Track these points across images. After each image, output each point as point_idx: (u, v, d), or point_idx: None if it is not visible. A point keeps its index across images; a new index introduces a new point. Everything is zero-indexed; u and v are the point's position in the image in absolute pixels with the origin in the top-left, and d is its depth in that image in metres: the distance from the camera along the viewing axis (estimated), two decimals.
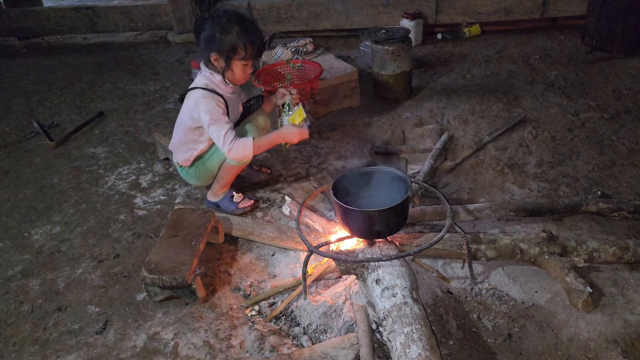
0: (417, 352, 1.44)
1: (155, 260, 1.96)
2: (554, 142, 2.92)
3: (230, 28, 2.15)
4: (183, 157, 2.41)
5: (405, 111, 3.44)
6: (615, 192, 2.47)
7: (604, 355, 1.67)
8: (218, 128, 2.19)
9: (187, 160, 2.40)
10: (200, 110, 2.21)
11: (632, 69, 3.73)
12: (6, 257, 2.41)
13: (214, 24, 2.17)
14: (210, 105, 2.20)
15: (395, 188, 1.95)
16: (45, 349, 1.89)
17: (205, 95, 2.22)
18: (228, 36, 2.15)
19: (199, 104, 2.21)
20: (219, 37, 2.16)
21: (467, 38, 4.68)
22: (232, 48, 2.17)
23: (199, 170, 2.43)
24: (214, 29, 2.16)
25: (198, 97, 2.23)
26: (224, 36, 2.15)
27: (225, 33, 2.15)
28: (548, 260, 1.94)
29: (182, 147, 2.40)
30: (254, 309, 2.00)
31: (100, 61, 5.06)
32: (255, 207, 2.53)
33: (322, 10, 4.91)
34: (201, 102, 2.21)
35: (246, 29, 2.17)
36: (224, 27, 2.15)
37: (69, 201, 2.81)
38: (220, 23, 2.16)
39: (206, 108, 2.20)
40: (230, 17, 2.17)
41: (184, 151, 2.40)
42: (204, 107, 2.20)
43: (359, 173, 2.01)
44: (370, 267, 1.80)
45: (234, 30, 2.15)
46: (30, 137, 3.58)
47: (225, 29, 2.15)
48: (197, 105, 2.22)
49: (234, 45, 2.17)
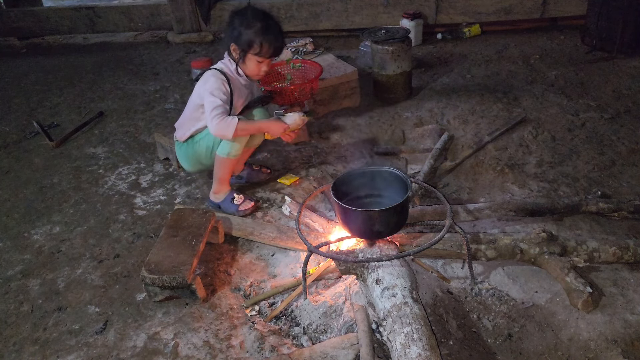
0: (417, 352, 1.44)
1: (155, 260, 1.96)
2: (554, 142, 2.92)
3: (252, 24, 2.27)
4: (182, 132, 2.51)
5: (405, 111, 3.44)
6: (615, 192, 2.47)
7: (604, 355, 1.67)
8: (212, 101, 2.28)
9: (184, 135, 2.49)
10: (206, 88, 2.31)
11: (632, 69, 3.73)
12: (6, 257, 2.41)
13: (240, 17, 2.30)
14: (216, 83, 2.31)
15: (395, 188, 1.95)
16: (45, 349, 1.88)
17: (215, 74, 2.34)
18: (248, 30, 2.27)
19: (207, 81, 2.33)
20: (239, 29, 2.28)
21: (467, 38, 4.68)
22: (249, 42, 2.28)
23: (189, 150, 2.51)
24: (238, 21, 2.29)
25: (208, 75, 2.36)
26: (244, 29, 2.28)
27: (246, 27, 2.27)
28: (548, 260, 1.94)
29: (185, 123, 2.50)
30: (254, 309, 2.00)
31: (100, 61, 5.06)
32: (256, 209, 2.53)
33: (322, 10, 4.91)
34: (209, 79, 2.33)
35: (267, 27, 2.28)
36: (247, 21, 2.28)
37: (69, 201, 2.80)
38: (244, 17, 2.29)
39: (211, 84, 2.31)
40: (255, 14, 2.30)
41: (185, 127, 2.49)
42: (209, 84, 2.31)
43: (359, 173, 2.01)
44: (370, 267, 1.80)
45: (255, 26, 2.26)
46: (30, 137, 3.58)
47: (248, 23, 2.27)
48: (205, 82, 2.34)
49: (252, 40, 2.27)
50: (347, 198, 1.95)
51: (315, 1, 4.88)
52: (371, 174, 2.01)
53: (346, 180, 1.97)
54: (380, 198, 2.00)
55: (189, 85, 4.15)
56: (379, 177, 2.00)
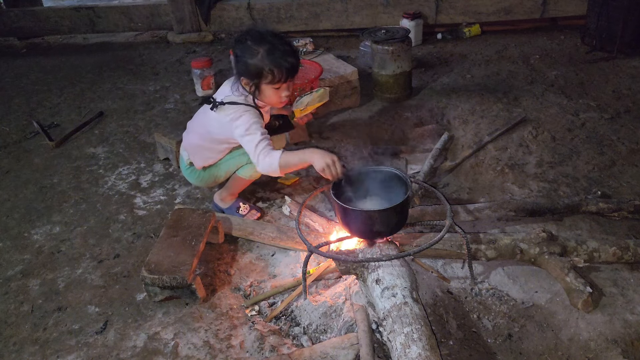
0: (417, 352, 1.44)
1: (155, 260, 1.96)
2: (554, 142, 2.92)
3: (255, 50, 2.03)
4: (199, 160, 2.37)
5: (405, 111, 3.44)
6: (615, 192, 2.47)
7: (604, 355, 1.67)
8: (251, 140, 2.07)
9: (201, 165, 2.38)
10: (238, 125, 2.11)
11: (632, 69, 3.73)
12: (6, 257, 2.41)
13: (240, 46, 2.07)
14: (248, 118, 2.10)
15: (395, 188, 1.95)
16: (45, 349, 1.88)
17: (246, 111, 2.12)
18: (253, 59, 2.03)
19: (237, 119, 2.11)
20: (244, 61, 2.05)
21: (467, 38, 4.68)
22: (258, 72, 2.05)
23: (205, 175, 2.42)
24: (240, 52, 2.07)
25: (239, 111, 2.12)
26: (248, 60, 2.04)
27: (250, 56, 2.03)
28: (548, 260, 1.94)
29: (200, 152, 2.35)
30: (254, 309, 2.00)
31: (100, 61, 5.06)
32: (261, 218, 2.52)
33: (322, 10, 4.91)
34: (240, 118, 2.11)
35: (272, 50, 2.02)
36: (248, 50, 2.04)
37: (69, 201, 2.80)
38: (245, 45, 2.05)
39: (244, 122, 2.10)
40: (255, 38, 2.05)
41: (201, 156, 2.36)
42: (242, 121, 2.10)
43: (359, 173, 2.01)
44: (370, 267, 1.80)
45: (258, 52, 2.02)
46: (30, 137, 3.58)
47: (250, 51, 2.03)
48: (235, 120, 2.12)
49: (260, 69, 2.04)
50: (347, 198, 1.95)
51: (315, 1, 4.88)
52: (371, 173, 2.01)
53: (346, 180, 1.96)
54: (381, 198, 2.00)
55: (189, 85, 4.15)
56: (379, 177, 2.00)
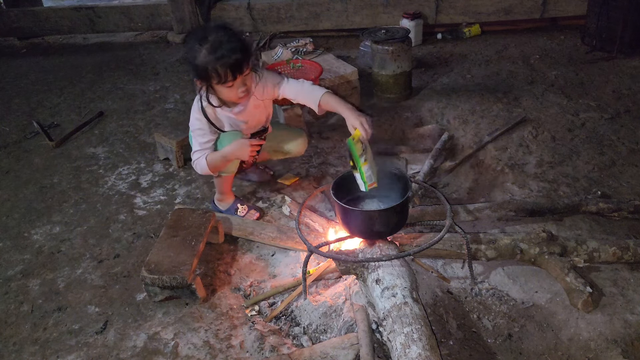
0: (417, 352, 1.44)
1: (155, 260, 1.96)
2: (554, 142, 2.92)
3: (197, 51, 1.91)
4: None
5: (405, 111, 3.44)
6: (615, 192, 2.47)
7: (604, 355, 1.67)
8: (193, 143, 2.25)
9: None
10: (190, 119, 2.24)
11: (632, 69, 3.73)
12: (6, 257, 2.41)
13: (185, 47, 1.98)
14: (194, 122, 2.21)
15: (395, 188, 1.95)
16: (45, 349, 1.89)
17: (196, 111, 2.19)
18: (197, 60, 1.92)
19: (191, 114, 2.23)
20: (190, 62, 1.95)
21: (467, 38, 4.68)
22: (204, 74, 1.94)
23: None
24: (186, 52, 1.98)
25: (194, 108, 2.22)
26: (193, 61, 1.93)
27: (193, 58, 1.92)
28: (548, 260, 1.94)
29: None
30: (254, 309, 2.00)
31: (100, 61, 5.06)
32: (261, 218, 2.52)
33: (322, 10, 4.91)
34: (192, 114, 2.22)
35: (215, 47, 1.88)
36: (192, 50, 1.93)
37: (69, 201, 2.81)
38: (188, 45, 1.96)
39: (191, 121, 2.24)
40: (195, 37, 1.93)
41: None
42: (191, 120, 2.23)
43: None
44: (370, 267, 1.80)
45: (201, 52, 1.90)
46: (30, 137, 3.58)
47: (193, 52, 1.92)
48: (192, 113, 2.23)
49: (205, 70, 1.92)
50: (347, 198, 1.95)
51: (315, 1, 4.88)
52: None
53: (346, 180, 1.97)
54: (380, 198, 2.00)
55: (189, 85, 4.15)
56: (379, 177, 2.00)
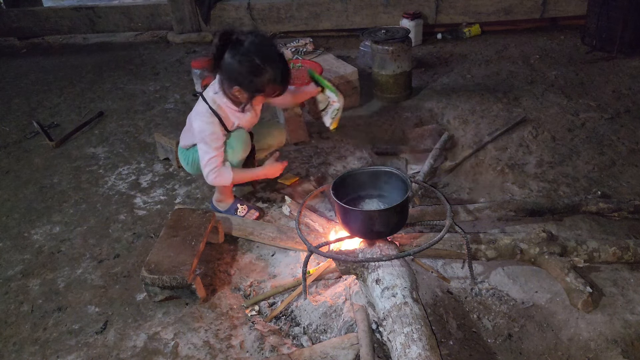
0: (417, 352, 1.44)
1: (155, 260, 1.96)
2: (554, 142, 2.92)
3: (263, 70, 2.01)
4: (184, 141, 2.45)
5: (405, 111, 3.44)
6: (615, 192, 2.47)
7: (604, 355, 1.67)
8: (204, 150, 2.22)
9: (186, 144, 2.44)
10: (195, 125, 2.25)
11: (632, 69, 3.73)
12: (6, 257, 2.41)
13: (241, 59, 2.01)
14: (205, 127, 2.20)
15: (395, 188, 1.95)
16: (45, 349, 1.89)
17: (206, 116, 2.20)
18: (259, 78, 2.03)
19: (197, 120, 2.24)
20: (248, 77, 2.03)
21: (467, 38, 4.68)
22: (260, 89, 2.09)
23: (192, 156, 2.44)
24: (243, 65, 2.01)
25: (200, 113, 2.23)
26: (254, 77, 2.03)
27: (257, 75, 2.02)
28: (548, 260, 1.94)
29: (187, 134, 2.43)
30: (254, 309, 2.00)
31: (100, 61, 5.06)
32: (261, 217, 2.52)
33: (322, 10, 4.91)
34: (199, 119, 2.22)
35: (279, 69, 2.05)
36: (255, 67, 2.01)
37: (69, 201, 2.80)
38: (249, 61, 2.00)
39: (200, 127, 2.22)
40: (263, 56, 2.01)
41: (187, 138, 2.43)
42: (199, 126, 2.22)
43: (359, 173, 2.01)
44: (370, 267, 1.80)
45: (266, 72, 2.02)
46: (30, 137, 3.58)
47: (257, 70, 2.01)
48: (196, 119, 2.25)
49: (264, 87, 2.07)
50: (347, 198, 1.95)
51: (315, 1, 4.88)
52: (371, 174, 2.01)
53: (346, 180, 1.97)
54: (380, 198, 2.00)
55: (189, 85, 4.15)
56: (379, 177, 2.00)
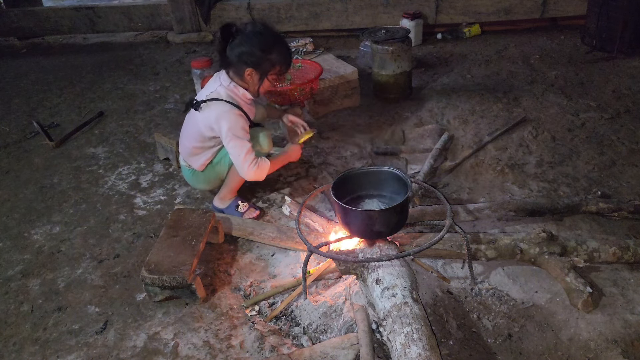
0: (417, 352, 1.43)
1: (155, 260, 1.96)
2: (554, 142, 2.92)
3: (273, 47, 2.20)
4: (198, 162, 2.40)
5: (405, 111, 3.44)
6: (615, 192, 2.47)
7: (604, 355, 1.67)
8: (239, 145, 2.22)
9: (203, 165, 2.40)
10: (222, 125, 2.21)
11: (632, 69, 3.73)
12: (6, 257, 2.41)
13: (254, 40, 2.18)
14: (234, 121, 2.22)
15: (395, 188, 1.95)
16: (45, 349, 1.89)
17: (231, 110, 2.23)
18: (270, 55, 2.20)
19: (222, 118, 2.21)
20: (260, 54, 2.18)
21: (467, 38, 4.68)
22: (272, 66, 2.23)
23: (210, 174, 2.43)
24: (255, 46, 2.18)
25: (223, 111, 2.22)
26: (265, 55, 2.19)
27: (268, 52, 2.19)
28: (548, 260, 1.94)
29: (197, 153, 2.38)
30: (254, 309, 2.00)
31: (100, 61, 5.06)
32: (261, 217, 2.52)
33: (322, 10, 4.91)
34: (225, 117, 2.21)
35: (285, 47, 2.27)
36: (267, 45, 2.19)
37: (69, 201, 2.80)
38: (262, 41, 2.19)
39: (229, 124, 2.20)
40: (268, 36, 2.21)
41: (199, 157, 2.39)
42: (227, 122, 2.21)
43: (359, 173, 2.01)
44: (370, 267, 1.80)
45: (275, 49, 2.21)
46: (30, 137, 3.58)
47: (268, 47, 2.19)
48: (219, 119, 2.21)
49: (274, 64, 2.23)
50: (347, 198, 1.95)
51: (315, 1, 4.88)
52: (371, 174, 2.01)
53: (346, 180, 1.97)
54: (380, 198, 2.00)
55: (189, 85, 4.15)
56: (379, 177, 2.00)
